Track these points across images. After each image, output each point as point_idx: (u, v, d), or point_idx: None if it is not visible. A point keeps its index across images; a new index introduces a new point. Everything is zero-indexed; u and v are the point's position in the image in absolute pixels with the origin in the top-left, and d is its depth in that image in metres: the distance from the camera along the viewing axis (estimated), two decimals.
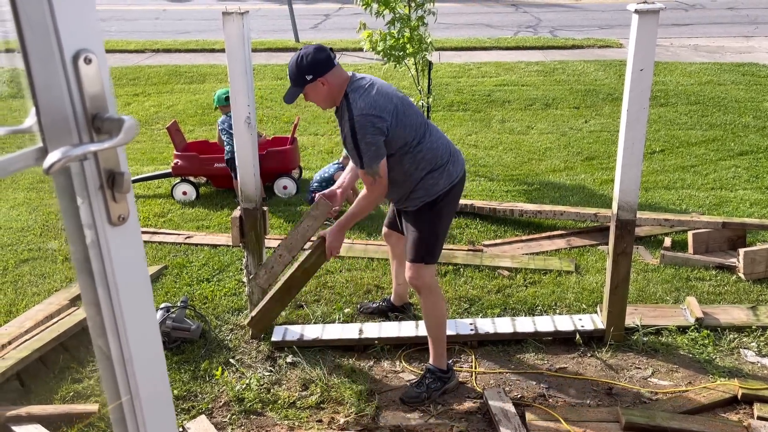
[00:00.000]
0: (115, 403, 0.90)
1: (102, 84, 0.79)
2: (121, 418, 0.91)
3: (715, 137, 6.77)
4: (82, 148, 0.76)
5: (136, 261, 0.88)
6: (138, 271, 0.89)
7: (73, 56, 0.76)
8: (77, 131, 0.78)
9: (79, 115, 0.78)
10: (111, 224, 0.83)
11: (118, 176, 0.82)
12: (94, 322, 0.88)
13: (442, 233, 3.05)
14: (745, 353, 3.33)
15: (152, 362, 0.93)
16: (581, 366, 3.28)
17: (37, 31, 0.73)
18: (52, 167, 0.74)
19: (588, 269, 4.23)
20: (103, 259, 0.84)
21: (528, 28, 13.41)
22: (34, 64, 0.74)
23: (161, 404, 0.95)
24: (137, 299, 0.89)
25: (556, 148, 6.59)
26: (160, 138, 7.22)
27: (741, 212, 4.98)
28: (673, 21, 13.52)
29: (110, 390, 0.91)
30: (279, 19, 14.09)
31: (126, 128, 0.78)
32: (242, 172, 3.28)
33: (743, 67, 9.56)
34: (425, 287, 3.03)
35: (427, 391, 3.04)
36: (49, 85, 0.75)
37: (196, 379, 3.22)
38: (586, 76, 9.23)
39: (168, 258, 4.47)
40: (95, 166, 0.81)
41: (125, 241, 0.86)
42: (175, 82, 9.47)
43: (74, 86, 0.77)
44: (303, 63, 2.74)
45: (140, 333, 0.90)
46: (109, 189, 0.82)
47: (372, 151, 2.76)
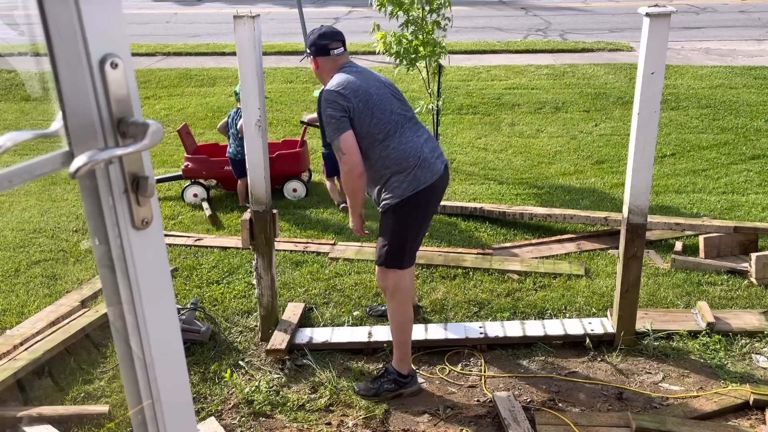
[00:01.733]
0: (137, 408, 0.91)
1: (128, 88, 0.80)
2: (142, 422, 0.91)
3: (727, 141, 6.73)
4: (108, 152, 0.77)
5: (159, 264, 0.89)
6: (161, 274, 0.90)
7: (100, 61, 0.77)
8: (103, 135, 0.79)
9: (105, 119, 0.79)
10: (135, 228, 0.84)
11: (143, 180, 0.83)
12: (117, 325, 0.88)
13: (409, 241, 3.01)
14: (757, 358, 3.31)
15: (174, 366, 0.93)
16: (591, 370, 3.27)
17: (65, 36, 0.74)
18: (79, 171, 0.74)
19: (598, 273, 4.21)
20: (127, 262, 0.85)
21: (538, 32, 13.39)
22: (62, 69, 0.75)
23: (182, 408, 0.95)
24: (160, 303, 0.90)
25: (566, 152, 6.57)
26: (171, 141, 7.25)
27: (753, 216, 4.95)
28: (684, 24, 13.46)
29: (132, 394, 0.91)
30: (289, 22, 14.15)
31: (151, 132, 0.78)
32: (252, 175, 3.29)
33: (755, 70, 9.50)
34: (388, 291, 3.05)
35: (379, 389, 3.06)
36: (76, 90, 0.76)
37: (205, 381, 3.23)
38: (596, 80, 9.20)
39: (178, 260, 4.49)
40: (120, 170, 0.81)
41: (149, 244, 0.87)
42: (185, 85, 9.52)
43: (100, 91, 0.78)
44: (309, 37, 3.06)
45: (163, 336, 0.90)
46: (133, 193, 0.82)
47: (332, 124, 2.86)
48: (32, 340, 3.39)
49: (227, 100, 8.69)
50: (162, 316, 0.90)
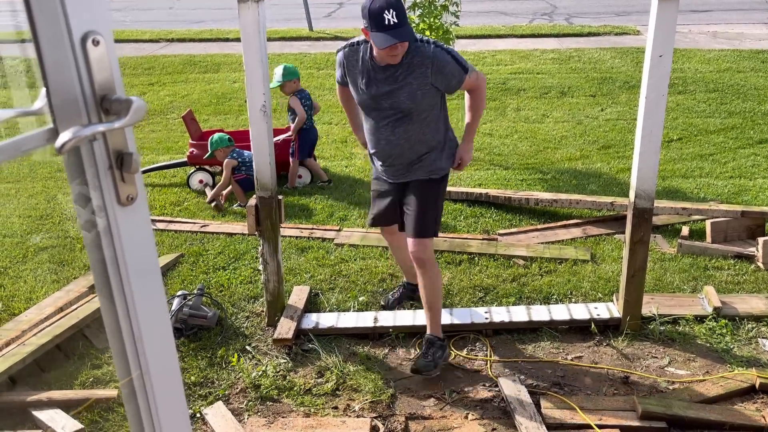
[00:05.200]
0: (126, 379, 0.92)
1: (110, 65, 0.80)
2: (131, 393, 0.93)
3: (734, 125, 6.68)
4: (92, 128, 0.77)
5: (144, 240, 0.89)
6: (146, 250, 0.90)
7: (82, 38, 0.77)
8: (86, 112, 0.79)
9: (88, 96, 0.79)
10: (120, 204, 0.85)
11: (127, 157, 0.83)
12: (104, 299, 0.89)
13: (442, 206, 3.26)
14: (763, 343, 3.30)
15: (161, 338, 0.94)
16: (597, 355, 3.27)
17: (47, 14, 0.74)
18: (64, 146, 0.75)
19: (604, 258, 4.20)
20: (113, 238, 0.85)
21: (543, 16, 13.27)
22: (44, 47, 0.75)
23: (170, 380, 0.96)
24: (146, 277, 0.90)
25: (571, 137, 6.53)
26: (176, 127, 7.25)
27: (760, 201, 4.91)
28: (692, 7, 13.31)
29: (121, 366, 0.92)
30: (293, 7, 14.06)
31: (134, 109, 0.79)
32: (258, 161, 3.29)
33: (763, 54, 9.40)
34: (430, 260, 3.11)
35: (435, 360, 3.10)
36: (59, 67, 0.77)
37: (212, 366, 3.25)
38: (603, 64, 9.12)
39: (184, 246, 4.50)
40: (104, 147, 0.82)
41: (134, 221, 0.87)
42: (189, 72, 9.50)
43: (83, 68, 0.78)
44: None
45: (149, 311, 0.91)
46: (117, 169, 0.83)
47: (461, 60, 2.99)
48: (41, 325, 3.41)
49: (231, 86, 8.67)
50: (149, 290, 0.91)
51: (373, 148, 3.14)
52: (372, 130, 3.10)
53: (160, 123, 7.53)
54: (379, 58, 2.88)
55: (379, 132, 3.06)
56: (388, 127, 3.03)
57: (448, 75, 2.92)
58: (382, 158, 3.14)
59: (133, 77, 9.33)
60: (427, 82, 2.90)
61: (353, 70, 3.01)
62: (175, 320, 3.45)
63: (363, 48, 2.97)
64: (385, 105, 2.98)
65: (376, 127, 3.07)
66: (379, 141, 3.08)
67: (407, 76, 2.90)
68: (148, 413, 0.96)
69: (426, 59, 2.85)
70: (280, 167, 5.37)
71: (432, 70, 2.87)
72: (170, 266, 4.21)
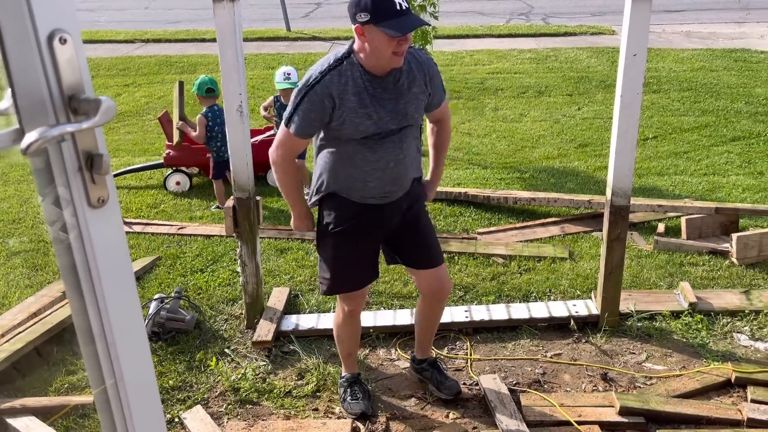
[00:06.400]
0: (100, 388, 0.90)
1: (78, 64, 0.78)
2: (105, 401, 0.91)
3: (708, 123, 6.78)
4: (59, 128, 0.76)
5: (117, 243, 0.88)
6: (119, 253, 0.88)
7: (48, 36, 0.76)
8: (54, 112, 0.78)
9: (56, 96, 0.77)
10: (91, 206, 0.83)
11: (97, 158, 0.81)
12: (75, 305, 0.87)
13: None
14: (738, 337, 3.35)
15: (136, 344, 0.92)
16: (576, 352, 3.29)
17: (11, 12, 0.73)
18: (30, 147, 0.73)
19: (582, 256, 4.24)
20: (84, 241, 0.83)
21: (520, 16, 13.37)
22: (9, 45, 0.73)
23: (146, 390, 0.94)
24: (119, 281, 0.89)
25: (549, 136, 6.58)
26: (152, 129, 7.17)
27: (734, 197, 4.99)
28: (666, 7, 13.50)
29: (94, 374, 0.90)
30: (270, 7, 13.99)
31: (103, 109, 0.77)
32: (235, 161, 3.26)
33: (735, 53, 9.56)
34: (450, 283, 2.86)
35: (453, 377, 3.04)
36: (25, 66, 0.75)
37: (191, 370, 3.21)
38: (579, 63, 9.21)
39: (161, 249, 4.45)
40: (73, 148, 0.80)
41: (105, 223, 0.85)
42: (165, 72, 9.40)
43: (50, 67, 0.76)
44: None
45: (123, 316, 0.89)
46: (87, 171, 0.81)
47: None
48: (14, 331, 3.34)
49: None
50: (121, 295, 0.89)
51: (374, 180, 2.49)
52: (372, 164, 2.46)
53: (135, 124, 7.44)
54: (383, 63, 2.32)
55: (387, 157, 2.46)
56: (395, 145, 2.47)
57: (438, 87, 2.56)
58: (387, 186, 2.51)
59: (108, 78, 9.21)
60: (425, 90, 2.50)
61: (345, 101, 2.33)
62: (153, 324, 3.41)
63: (347, 65, 2.35)
64: (390, 127, 2.42)
65: (380, 155, 2.45)
66: (386, 166, 2.47)
67: (411, 85, 2.44)
68: (123, 424, 0.94)
69: (423, 65, 2.48)
70: (258, 168, 5.33)
71: (427, 77, 2.49)
72: (147, 269, 4.16)
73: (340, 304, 2.79)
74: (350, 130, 2.38)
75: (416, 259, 2.73)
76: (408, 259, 2.75)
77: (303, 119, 2.37)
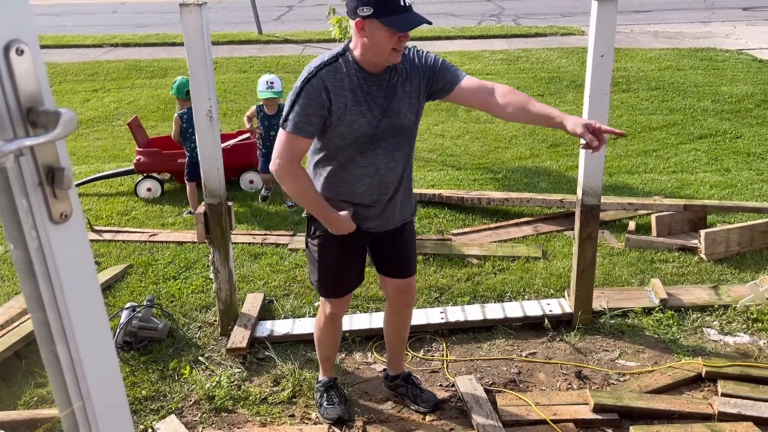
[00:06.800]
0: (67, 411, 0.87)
1: (36, 76, 0.76)
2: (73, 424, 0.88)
3: (676, 122, 6.90)
4: (17, 142, 0.74)
5: (81, 259, 0.85)
6: (84, 269, 0.86)
7: (4, 47, 0.73)
8: (11, 126, 0.75)
9: (13, 108, 0.75)
10: (53, 222, 0.81)
11: (58, 172, 0.79)
12: (40, 325, 0.84)
13: None
14: (708, 332, 3.41)
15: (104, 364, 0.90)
16: (550, 350, 3.32)
17: None
18: None
19: (555, 255, 4.28)
20: (46, 258, 0.81)
21: (491, 17, 13.47)
22: None
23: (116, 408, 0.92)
24: (85, 299, 0.86)
25: (521, 136, 6.64)
26: (122, 134, 7.07)
27: (702, 194, 5.09)
28: (633, 8, 13.72)
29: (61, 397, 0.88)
30: (241, 11, 13.89)
31: (63, 121, 0.75)
32: (205, 167, 3.23)
33: (701, 52, 9.75)
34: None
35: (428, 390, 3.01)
36: None
37: (164, 379, 3.17)
38: (550, 64, 9.31)
39: (133, 257, 4.38)
40: (33, 162, 0.78)
41: (69, 239, 0.83)
42: (135, 77, 9.27)
43: (6, 79, 0.74)
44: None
45: (90, 335, 0.87)
46: (48, 185, 0.79)
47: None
48: None
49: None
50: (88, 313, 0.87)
51: (362, 186, 2.45)
52: (361, 170, 2.42)
53: (105, 130, 7.33)
54: (381, 59, 2.29)
55: (377, 163, 2.42)
56: (387, 152, 2.42)
57: (445, 66, 2.44)
58: (376, 196, 2.48)
59: (76, 83, 9.05)
60: (419, 88, 2.42)
61: (340, 97, 2.29)
62: (124, 333, 3.35)
63: (342, 62, 2.31)
64: (383, 127, 2.37)
65: (370, 161, 2.41)
66: (376, 172, 2.43)
67: (404, 84, 2.39)
68: None
69: (419, 65, 2.43)
70: (230, 173, 5.29)
71: (423, 77, 2.42)
72: (118, 278, 4.09)
73: (323, 307, 2.76)
74: (344, 128, 2.33)
75: (393, 267, 2.74)
76: (384, 267, 2.75)
77: (301, 115, 2.29)
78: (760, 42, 10.46)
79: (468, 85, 2.42)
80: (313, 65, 2.32)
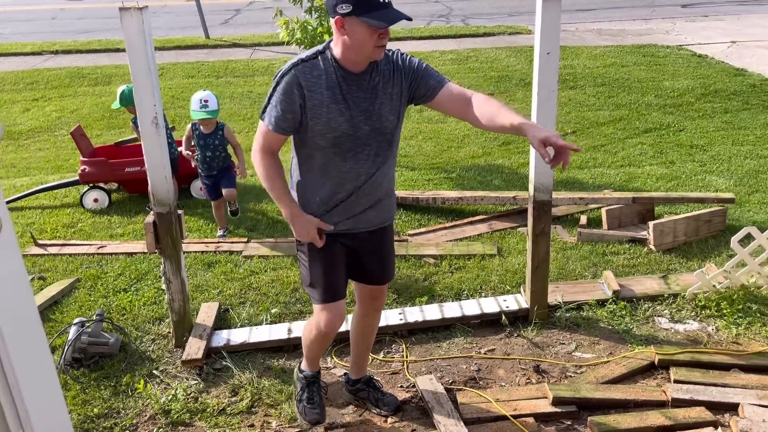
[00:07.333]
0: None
1: None
2: None
3: (622, 117, 7.08)
4: None
5: (14, 276, 0.80)
6: (18, 286, 0.81)
7: None
8: None
9: None
10: None
11: None
12: None
13: None
14: (659, 321, 3.50)
15: (45, 392, 0.84)
16: (509, 346, 3.35)
17: None
18: None
19: (510, 251, 4.32)
20: None
21: (440, 18, 13.57)
22: None
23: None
24: (19, 318, 0.81)
25: (473, 135, 6.70)
26: (65, 144, 6.84)
27: (649, 187, 5.23)
28: (578, 6, 14.03)
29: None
30: (187, 15, 13.64)
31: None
32: (152, 175, 3.14)
33: (644, 48, 10.03)
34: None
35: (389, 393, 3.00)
36: None
37: (117, 395, 3.07)
38: (499, 63, 9.43)
39: (80, 270, 4.23)
40: None
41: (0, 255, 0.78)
42: (78, 85, 8.99)
43: None
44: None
45: (27, 357, 0.82)
46: None
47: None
48: None
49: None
50: (24, 332, 0.81)
51: (343, 192, 2.43)
52: (342, 174, 2.40)
53: (47, 141, 7.08)
54: (363, 57, 2.27)
55: (359, 169, 2.39)
56: (370, 158, 2.40)
57: (428, 71, 2.43)
58: (356, 204, 2.46)
59: (15, 93, 8.72)
60: (401, 91, 2.40)
61: (316, 94, 2.27)
62: (73, 350, 3.23)
63: (322, 59, 2.30)
64: (364, 130, 2.35)
65: (350, 166, 2.38)
66: (357, 177, 2.41)
67: (386, 85, 2.36)
68: None
69: (401, 68, 2.41)
70: (181, 180, 5.17)
71: (405, 80, 2.40)
72: (65, 293, 3.95)
73: (317, 321, 2.59)
74: (322, 126, 2.31)
75: (373, 273, 2.69)
76: (363, 274, 2.69)
77: (276, 111, 2.31)
78: (699, 38, 10.84)
79: (449, 93, 2.42)
80: (291, 62, 2.33)
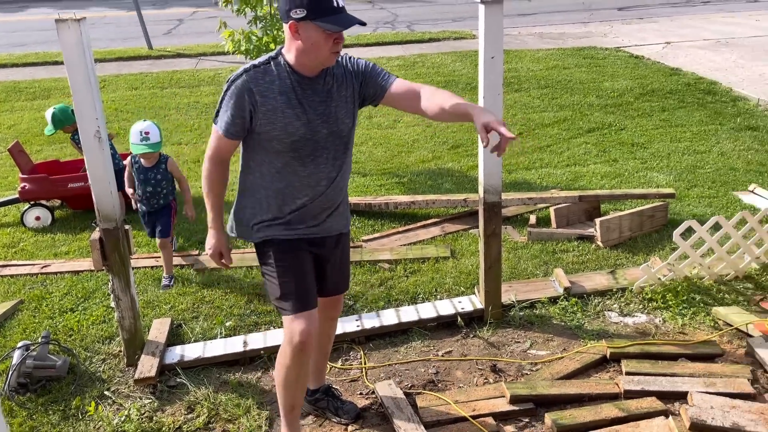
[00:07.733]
0: None
1: None
2: None
3: (566, 117, 7.26)
4: None
5: None
6: None
7: None
8: None
9: None
10: None
11: None
12: None
13: None
14: (609, 315, 3.60)
15: None
16: (465, 347, 3.38)
17: None
18: None
19: (463, 253, 4.37)
20: None
21: (386, 24, 13.65)
22: None
23: None
24: None
25: (423, 140, 6.76)
26: (2, 161, 6.58)
27: (594, 185, 5.37)
28: (519, 11, 14.34)
29: None
30: (129, 26, 13.35)
31: None
32: (97, 190, 3.05)
33: (583, 51, 10.33)
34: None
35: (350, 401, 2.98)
36: None
37: (67, 419, 2.96)
38: (445, 68, 9.55)
39: (23, 291, 4.08)
40: None
41: None
42: (14, 100, 8.67)
43: None
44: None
45: None
46: None
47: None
48: None
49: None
50: None
51: (304, 197, 2.43)
52: (301, 179, 2.40)
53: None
54: (317, 63, 2.28)
55: (318, 174, 2.40)
56: (329, 162, 2.42)
57: (378, 71, 2.44)
58: (317, 209, 2.47)
59: None
60: (354, 93, 2.42)
61: (269, 99, 2.27)
62: (18, 375, 3.11)
63: (275, 65, 2.31)
64: (322, 133, 2.35)
65: (310, 171, 2.39)
66: (317, 183, 2.42)
67: (340, 88, 2.38)
68: None
69: (353, 71, 2.42)
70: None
71: (356, 82, 2.42)
72: (8, 315, 3.79)
73: (290, 336, 2.42)
74: (279, 131, 2.30)
75: (331, 283, 2.69)
76: (321, 285, 2.64)
77: (226, 116, 2.31)
78: (635, 39, 11.23)
79: (398, 89, 2.43)
80: (243, 67, 2.33)
